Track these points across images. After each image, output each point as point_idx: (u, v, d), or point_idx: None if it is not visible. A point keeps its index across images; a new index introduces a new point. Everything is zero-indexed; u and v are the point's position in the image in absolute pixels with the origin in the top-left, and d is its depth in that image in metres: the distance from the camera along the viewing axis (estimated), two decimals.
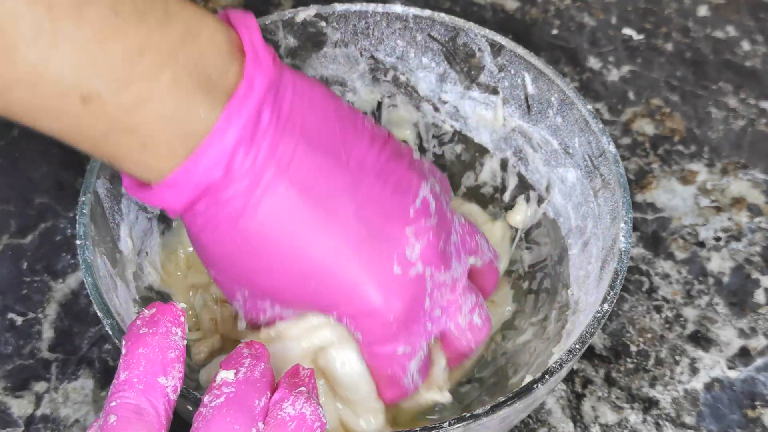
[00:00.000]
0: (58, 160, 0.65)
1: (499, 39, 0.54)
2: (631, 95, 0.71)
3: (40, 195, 0.63)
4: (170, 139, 0.38)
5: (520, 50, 0.54)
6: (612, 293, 0.45)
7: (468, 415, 0.40)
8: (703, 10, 0.77)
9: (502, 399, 0.41)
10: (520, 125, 0.56)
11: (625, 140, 0.68)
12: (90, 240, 0.45)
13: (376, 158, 0.44)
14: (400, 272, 0.44)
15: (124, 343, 0.37)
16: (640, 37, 0.75)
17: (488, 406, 0.40)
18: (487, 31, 0.55)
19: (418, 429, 0.39)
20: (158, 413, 0.35)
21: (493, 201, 0.60)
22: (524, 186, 0.58)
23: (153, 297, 0.52)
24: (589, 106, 0.52)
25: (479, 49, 0.55)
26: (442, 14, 0.55)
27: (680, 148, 0.68)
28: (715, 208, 0.64)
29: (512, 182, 0.58)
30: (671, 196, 0.65)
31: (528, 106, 0.55)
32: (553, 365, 0.42)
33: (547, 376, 0.42)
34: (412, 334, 0.46)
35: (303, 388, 0.37)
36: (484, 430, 0.42)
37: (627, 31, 0.75)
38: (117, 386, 0.35)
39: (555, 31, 0.75)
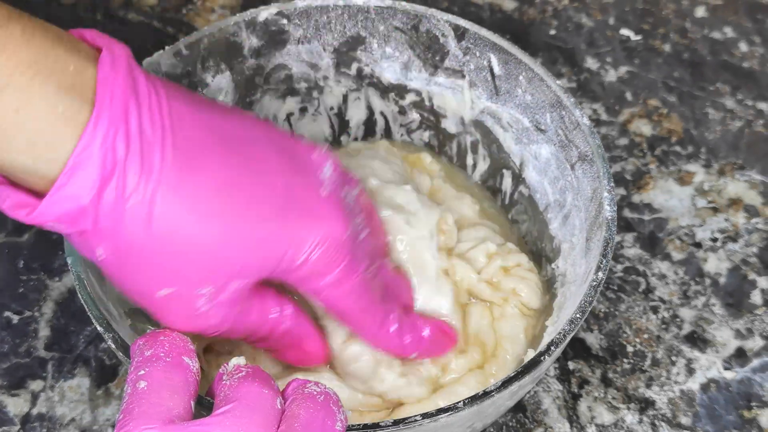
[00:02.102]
0: None
1: (462, 22, 0.54)
2: (628, 96, 0.71)
3: None
4: (50, 138, 0.35)
5: (484, 32, 0.54)
6: (605, 261, 0.45)
7: (480, 393, 0.40)
8: (700, 11, 0.77)
9: (512, 374, 0.41)
10: (489, 106, 0.56)
11: (623, 141, 0.68)
12: (78, 254, 0.44)
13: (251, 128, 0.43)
14: (326, 194, 0.43)
15: (140, 342, 0.37)
16: (638, 37, 0.75)
17: (499, 382, 0.41)
18: (449, 16, 0.55)
19: (434, 410, 0.39)
20: (187, 382, 0.35)
21: (466, 185, 0.60)
22: (497, 166, 0.58)
23: (142, 309, 0.52)
24: (558, 78, 0.52)
25: (443, 34, 0.55)
26: (403, 2, 0.55)
27: (677, 148, 0.68)
28: (712, 209, 0.64)
29: (484, 164, 0.59)
30: (668, 197, 0.65)
31: (495, 87, 0.55)
32: (557, 336, 0.43)
33: (552, 348, 0.42)
34: (365, 252, 0.45)
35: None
36: (494, 407, 0.43)
37: (625, 31, 0.75)
38: (140, 362, 0.36)
39: (553, 32, 0.75)
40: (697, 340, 0.58)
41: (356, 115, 0.61)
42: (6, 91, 0.34)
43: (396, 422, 0.39)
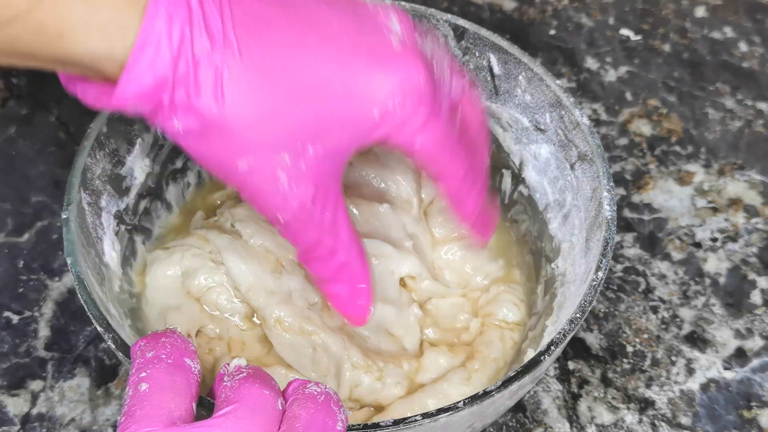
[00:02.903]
0: (54, 159, 0.65)
1: (462, 22, 0.55)
2: (628, 96, 0.71)
3: (36, 193, 0.63)
4: (116, 15, 0.37)
5: (484, 32, 0.54)
6: (605, 261, 0.45)
7: (480, 393, 0.40)
8: (700, 11, 0.77)
9: (511, 374, 0.41)
10: (488, 106, 0.56)
11: (623, 141, 0.68)
12: (79, 255, 0.45)
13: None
14: (397, 44, 0.43)
15: (141, 344, 0.37)
16: (638, 37, 0.75)
17: (499, 382, 0.41)
18: (448, 16, 0.55)
19: (434, 410, 0.40)
20: (189, 384, 0.35)
21: None
22: (496, 166, 0.58)
23: (141, 308, 0.52)
24: (558, 78, 0.52)
25: (442, 34, 0.55)
26: (403, 2, 0.55)
27: (677, 148, 0.68)
28: (711, 209, 0.64)
29: None
30: (668, 197, 0.65)
31: (495, 87, 0.55)
32: (557, 336, 0.43)
33: (552, 348, 0.42)
34: (448, 94, 0.46)
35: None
36: (493, 407, 0.43)
37: (624, 31, 0.75)
38: (142, 363, 0.36)
39: (552, 32, 0.75)
40: (697, 340, 0.58)
41: None
42: None
43: (396, 422, 0.39)
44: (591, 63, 0.73)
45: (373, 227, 0.53)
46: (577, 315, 0.43)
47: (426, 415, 0.39)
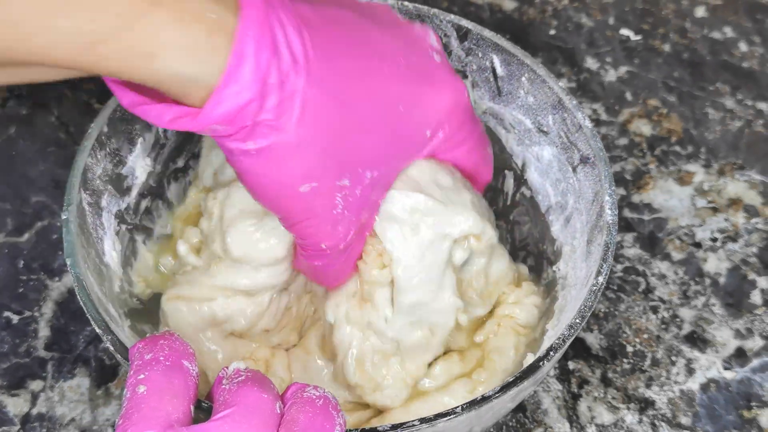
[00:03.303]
0: (54, 159, 0.65)
1: (465, 23, 0.54)
2: (628, 96, 0.71)
3: (36, 194, 0.63)
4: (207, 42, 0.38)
5: (487, 33, 0.54)
6: (605, 266, 0.45)
7: (479, 398, 0.40)
8: (700, 11, 0.77)
9: (510, 379, 0.41)
10: (491, 107, 0.56)
11: (622, 141, 0.68)
12: (78, 256, 0.45)
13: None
14: (439, 60, 0.47)
15: (140, 346, 0.37)
16: (638, 37, 0.75)
17: (498, 387, 0.41)
18: (451, 16, 0.55)
19: (432, 416, 0.39)
20: (187, 386, 0.35)
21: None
22: (499, 167, 0.58)
23: (142, 309, 0.52)
24: (558, 78, 0.52)
25: (445, 35, 0.55)
26: (406, 2, 0.55)
27: (677, 148, 0.68)
28: (711, 209, 0.64)
29: None
30: (668, 197, 0.65)
31: (498, 88, 0.55)
32: (557, 341, 0.43)
33: (551, 353, 0.42)
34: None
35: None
36: (492, 411, 0.43)
37: (624, 31, 0.75)
38: (140, 366, 0.36)
39: (552, 32, 0.75)
40: (697, 340, 0.58)
41: None
42: (162, 6, 0.36)
43: (394, 426, 0.39)
44: (591, 63, 0.73)
45: (403, 180, 0.48)
46: (577, 320, 0.43)
47: (424, 420, 0.39)
